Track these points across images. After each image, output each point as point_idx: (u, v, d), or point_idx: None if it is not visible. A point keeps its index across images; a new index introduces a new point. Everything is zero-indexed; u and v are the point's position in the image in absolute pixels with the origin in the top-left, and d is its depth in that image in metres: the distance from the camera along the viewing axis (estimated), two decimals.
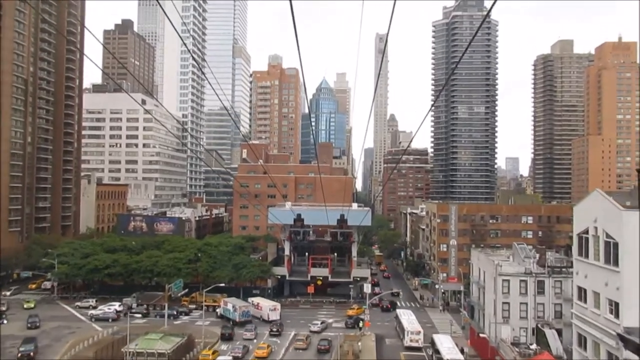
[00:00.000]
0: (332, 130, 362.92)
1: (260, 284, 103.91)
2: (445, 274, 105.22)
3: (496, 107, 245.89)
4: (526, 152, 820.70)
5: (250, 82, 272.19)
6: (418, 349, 72.31)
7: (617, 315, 32.86)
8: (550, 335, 57.00)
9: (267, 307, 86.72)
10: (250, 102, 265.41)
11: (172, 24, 22.90)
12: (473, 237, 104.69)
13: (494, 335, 60.79)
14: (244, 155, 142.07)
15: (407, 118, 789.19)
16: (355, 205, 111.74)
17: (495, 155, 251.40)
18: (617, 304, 32.76)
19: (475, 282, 70.72)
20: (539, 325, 59.45)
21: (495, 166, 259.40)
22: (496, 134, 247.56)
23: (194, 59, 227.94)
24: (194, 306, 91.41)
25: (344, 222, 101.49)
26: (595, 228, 35.71)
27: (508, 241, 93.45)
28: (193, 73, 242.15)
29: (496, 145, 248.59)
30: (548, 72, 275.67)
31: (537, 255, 64.92)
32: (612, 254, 33.44)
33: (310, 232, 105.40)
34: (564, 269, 62.28)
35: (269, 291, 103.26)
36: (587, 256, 37.50)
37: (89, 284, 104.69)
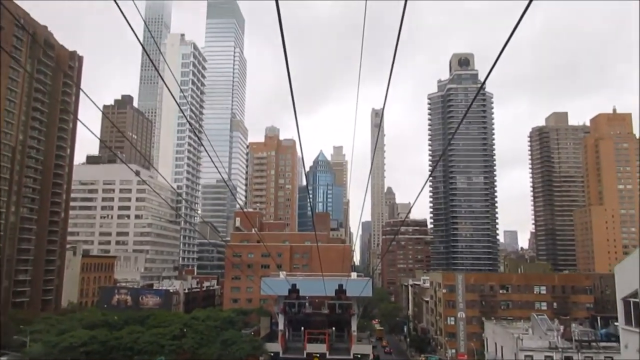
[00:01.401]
0: (329, 203, 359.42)
1: None
2: (454, 350, 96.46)
3: (495, 178, 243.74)
4: (523, 226, 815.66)
5: (247, 154, 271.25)
6: None
7: None
8: None
9: None
10: (247, 173, 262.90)
11: (170, 90, 18.25)
12: (482, 309, 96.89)
13: None
14: (238, 224, 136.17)
15: (405, 191, 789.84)
16: (354, 275, 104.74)
17: (497, 226, 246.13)
18: None
19: (491, 359, 62.97)
20: None
21: (497, 236, 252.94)
22: (496, 204, 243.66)
23: (191, 126, 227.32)
24: None
25: (343, 292, 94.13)
26: None
27: (521, 313, 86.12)
28: (189, 145, 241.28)
29: (497, 215, 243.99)
30: (544, 143, 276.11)
31: (561, 328, 57.86)
32: None
33: (307, 304, 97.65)
34: (593, 343, 55.12)
35: None
36: (638, 325, 31.10)
37: None
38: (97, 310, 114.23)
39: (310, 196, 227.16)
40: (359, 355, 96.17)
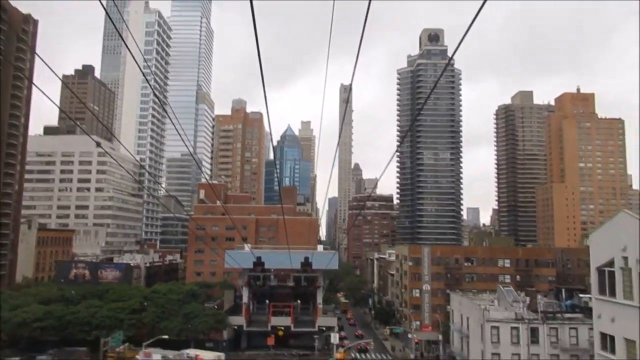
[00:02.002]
0: (296, 178, 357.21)
1: (214, 336, 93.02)
2: (418, 322, 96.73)
3: (461, 154, 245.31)
4: (486, 203, 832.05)
5: (213, 127, 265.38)
6: None
7: None
8: None
9: (210, 358, 77.32)
10: (212, 146, 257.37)
11: (133, 57, 15.31)
12: (447, 282, 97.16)
13: None
14: (202, 196, 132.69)
15: (373, 167, 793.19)
16: (320, 248, 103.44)
17: (461, 202, 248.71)
18: None
19: (456, 330, 62.67)
20: None
21: (462, 212, 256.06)
22: (461, 180, 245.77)
23: (157, 97, 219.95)
24: None
25: (309, 265, 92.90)
26: (625, 259, 28.69)
27: (485, 286, 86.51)
28: (153, 117, 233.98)
29: (462, 191, 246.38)
30: (510, 122, 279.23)
31: (527, 299, 57.71)
32: None
33: (272, 276, 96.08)
34: (558, 315, 55.13)
35: (224, 344, 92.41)
36: (612, 295, 30.23)
37: (16, 340, 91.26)
38: (53, 285, 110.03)
39: (277, 170, 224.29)
40: (324, 328, 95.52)
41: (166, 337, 73.95)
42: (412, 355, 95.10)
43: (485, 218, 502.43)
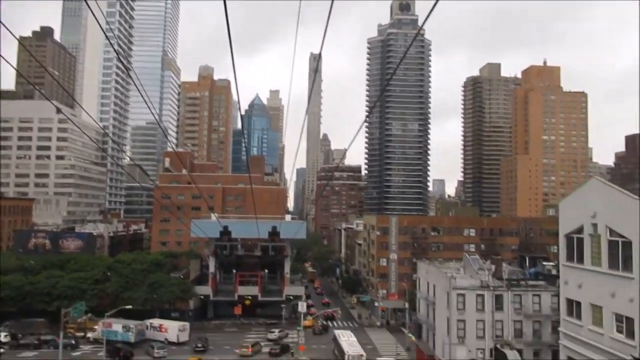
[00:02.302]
0: (264, 148, 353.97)
1: (180, 305, 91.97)
2: (385, 291, 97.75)
3: (429, 125, 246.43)
4: (451, 175, 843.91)
5: (179, 94, 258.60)
6: None
7: (630, 335, 25.66)
8: (512, 356, 50.09)
9: (175, 327, 77.14)
10: (178, 114, 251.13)
11: (97, 20, 13.29)
12: (414, 251, 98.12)
13: (447, 357, 53.20)
14: (167, 165, 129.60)
15: (341, 138, 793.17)
16: (288, 217, 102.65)
17: (428, 173, 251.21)
18: (629, 320, 25.64)
19: (423, 298, 63.27)
20: (498, 346, 52.48)
21: (428, 184, 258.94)
22: (429, 152, 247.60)
23: (121, 63, 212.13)
24: (82, 334, 78.11)
25: (276, 235, 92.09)
26: (594, 225, 28.62)
27: (450, 255, 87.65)
28: (117, 83, 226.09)
29: (429, 162, 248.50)
30: (477, 94, 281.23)
31: (493, 267, 58.40)
32: (620, 256, 26.39)
33: (239, 246, 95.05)
34: (522, 282, 55.99)
35: (191, 313, 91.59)
36: (580, 261, 30.28)
37: None
38: (11, 254, 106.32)
39: (245, 140, 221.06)
40: (292, 297, 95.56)
41: (130, 307, 72.37)
42: (378, 322, 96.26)
43: (450, 189, 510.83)
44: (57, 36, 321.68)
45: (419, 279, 66.77)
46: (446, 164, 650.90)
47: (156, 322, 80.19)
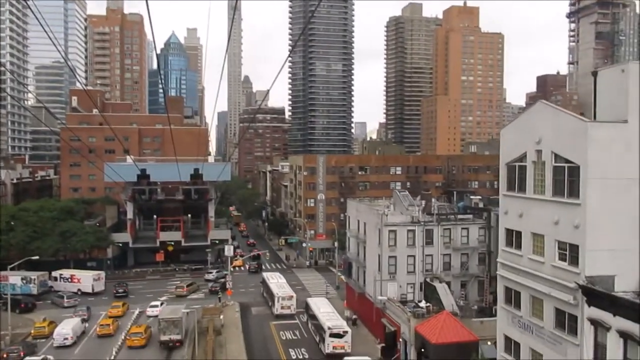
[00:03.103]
0: (183, 89, 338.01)
1: (98, 254, 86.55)
2: (312, 231, 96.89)
3: (353, 66, 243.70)
4: (372, 118, 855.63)
5: (86, 29, 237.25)
6: (291, 316, 62.59)
7: (573, 262, 25.01)
8: (442, 289, 50.49)
9: (89, 277, 73.19)
10: (87, 51, 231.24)
11: None
12: (342, 190, 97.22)
13: (378, 294, 52.94)
14: (75, 104, 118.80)
15: (264, 80, 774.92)
16: (211, 158, 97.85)
17: (352, 115, 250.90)
18: (573, 248, 24.93)
19: (353, 237, 62.35)
20: (428, 280, 52.74)
21: (352, 125, 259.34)
22: (353, 92, 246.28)
23: None
24: None
25: (199, 177, 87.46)
26: (539, 152, 27.34)
27: (377, 193, 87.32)
28: (11, 13, 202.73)
29: (353, 104, 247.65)
30: (399, 34, 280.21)
31: (423, 203, 57.99)
32: (565, 182, 25.34)
33: (158, 190, 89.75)
34: (451, 216, 56.08)
35: (109, 262, 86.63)
36: (522, 190, 29.22)
37: None
38: None
39: (162, 79, 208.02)
40: (217, 241, 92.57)
41: (37, 258, 66.40)
42: (306, 263, 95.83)
43: (372, 133, 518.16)
44: None
45: (348, 218, 65.63)
46: (368, 107, 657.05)
47: (66, 272, 74.87)
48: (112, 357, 48.19)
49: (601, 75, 26.26)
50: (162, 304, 63.17)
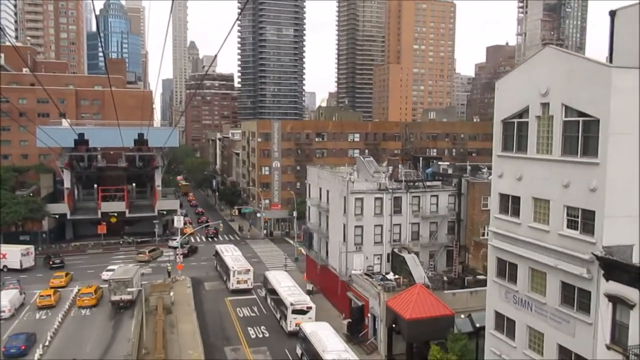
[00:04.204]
0: (124, 54, 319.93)
1: (32, 227, 79.01)
2: (267, 200, 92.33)
3: (304, 31, 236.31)
4: (321, 88, 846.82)
5: None
6: (247, 291, 58.41)
7: (586, 231, 21.87)
8: (411, 260, 47.50)
9: (16, 252, 66.29)
10: (16, 7, 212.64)
11: None
12: (298, 158, 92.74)
13: (344, 266, 49.50)
14: (2, 62, 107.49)
15: (211, 46, 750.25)
16: (158, 123, 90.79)
17: (304, 82, 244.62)
18: (587, 214, 21.75)
19: (314, 206, 58.27)
20: (396, 250, 49.65)
21: (304, 92, 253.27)
22: (304, 59, 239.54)
23: None
24: None
25: (144, 143, 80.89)
26: (545, 105, 23.80)
27: (335, 161, 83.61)
28: None
29: (304, 71, 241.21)
30: (352, 2, 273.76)
31: (390, 169, 54.50)
32: (579, 139, 21.97)
33: (99, 156, 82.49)
34: (419, 183, 52.88)
35: (45, 235, 79.25)
36: (521, 150, 25.76)
37: None
38: None
39: (102, 41, 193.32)
40: (165, 212, 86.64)
41: None
42: (262, 234, 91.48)
43: (322, 103, 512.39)
44: None
45: (309, 186, 61.42)
46: (317, 78, 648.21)
47: None
48: (56, 326, 45.61)
49: (621, 14, 22.79)
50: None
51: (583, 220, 22.18)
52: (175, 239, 76.40)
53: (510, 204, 26.64)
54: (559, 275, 23.39)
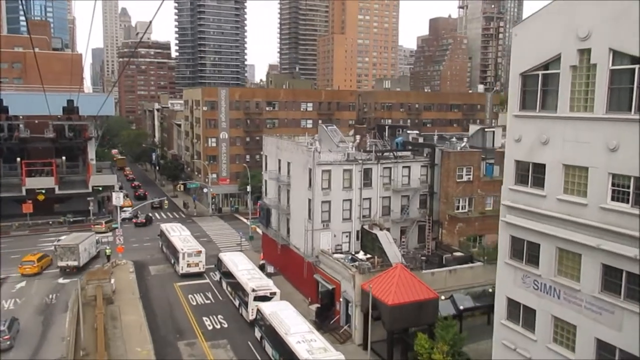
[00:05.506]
0: (49, 19, 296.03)
1: None
2: (214, 175, 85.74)
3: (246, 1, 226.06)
4: (261, 62, 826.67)
5: None
6: (199, 274, 52.68)
7: (638, 204, 18.04)
8: (384, 238, 43.35)
9: None
10: None
11: None
12: (247, 128, 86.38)
13: (309, 245, 44.75)
14: None
15: (144, 14, 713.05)
16: (89, 88, 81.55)
17: (245, 51, 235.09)
18: (638, 181, 17.91)
19: (273, 179, 52.86)
20: (366, 227, 45.35)
21: (246, 62, 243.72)
22: (246, 27, 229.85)
23: None
24: None
25: (74, 111, 71.69)
26: (584, 52, 19.58)
27: (287, 131, 78.02)
28: None
29: (246, 39, 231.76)
30: None
31: (357, 138, 49.80)
32: (634, 91, 17.92)
33: (21, 126, 73.02)
34: (390, 154, 48.57)
35: None
36: (546, 108, 21.53)
37: None
38: None
39: (23, 3, 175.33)
40: (100, 188, 78.48)
41: None
42: (209, 210, 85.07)
43: (262, 76, 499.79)
44: None
45: (265, 157, 55.79)
46: (257, 50, 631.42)
47: None
48: None
49: None
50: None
51: (636, 191, 18.29)
52: (126, 211, 72.55)
53: (531, 173, 22.49)
54: (599, 257, 19.52)
